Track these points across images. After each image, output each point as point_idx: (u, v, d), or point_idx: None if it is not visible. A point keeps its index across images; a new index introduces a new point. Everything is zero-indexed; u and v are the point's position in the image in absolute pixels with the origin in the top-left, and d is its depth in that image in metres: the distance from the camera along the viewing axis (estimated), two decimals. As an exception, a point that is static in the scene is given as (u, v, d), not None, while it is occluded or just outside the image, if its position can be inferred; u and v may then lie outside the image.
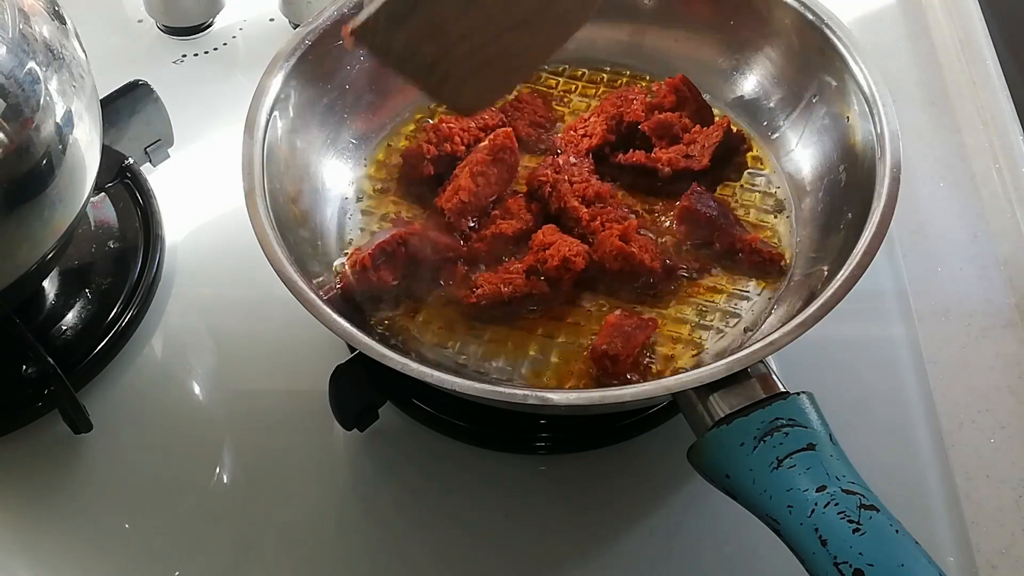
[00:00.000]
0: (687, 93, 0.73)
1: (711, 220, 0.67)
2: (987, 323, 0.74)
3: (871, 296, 0.75)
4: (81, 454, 0.68)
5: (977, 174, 0.83)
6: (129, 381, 0.72)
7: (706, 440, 0.53)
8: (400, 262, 0.66)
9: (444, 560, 0.64)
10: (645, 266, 0.65)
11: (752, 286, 0.67)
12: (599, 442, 0.67)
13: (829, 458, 0.51)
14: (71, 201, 0.64)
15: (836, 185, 0.68)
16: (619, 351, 0.61)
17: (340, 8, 0.71)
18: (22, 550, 0.65)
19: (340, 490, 0.68)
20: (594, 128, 0.73)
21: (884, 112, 0.64)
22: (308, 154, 0.71)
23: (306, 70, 0.70)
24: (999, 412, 0.70)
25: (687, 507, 0.65)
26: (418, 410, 0.68)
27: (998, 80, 0.86)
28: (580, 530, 0.65)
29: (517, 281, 0.65)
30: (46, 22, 0.62)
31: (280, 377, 0.72)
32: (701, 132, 0.72)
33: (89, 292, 0.74)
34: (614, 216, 0.68)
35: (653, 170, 0.71)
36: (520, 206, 0.69)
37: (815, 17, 0.70)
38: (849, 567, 0.46)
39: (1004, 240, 0.78)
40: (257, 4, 0.96)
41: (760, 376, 0.55)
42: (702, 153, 0.70)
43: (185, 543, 0.65)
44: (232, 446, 0.69)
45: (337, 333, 0.57)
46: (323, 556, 0.64)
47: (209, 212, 0.81)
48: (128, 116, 0.79)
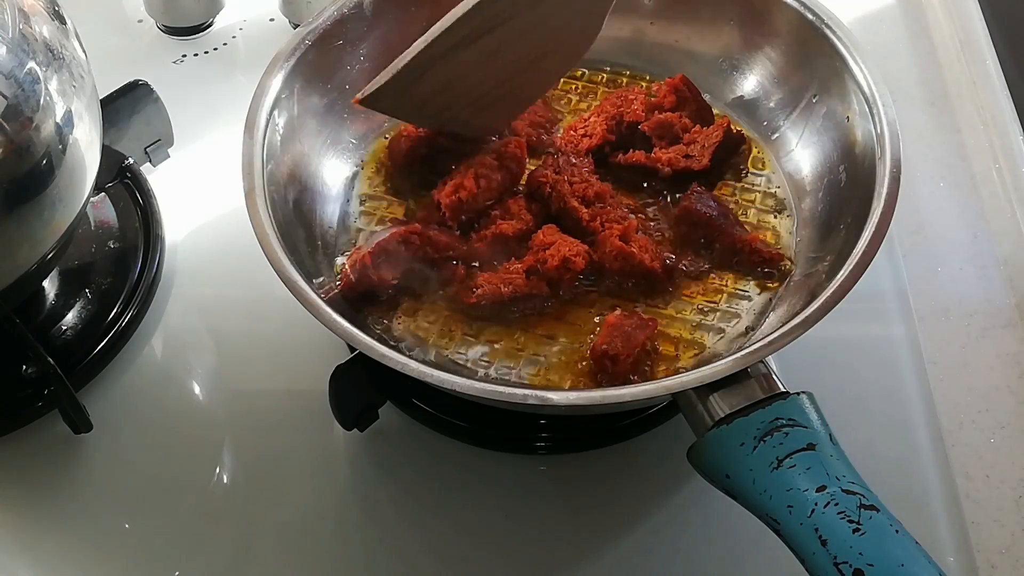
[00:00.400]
0: (687, 93, 0.73)
1: (711, 220, 0.67)
2: (987, 323, 0.74)
3: (871, 296, 0.75)
4: (81, 454, 0.68)
5: (977, 174, 0.83)
6: (129, 381, 0.72)
7: (706, 440, 0.53)
8: (400, 261, 0.66)
9: (444, 560, 0.64)
10: (645, 266, 0.65)
11: (752, 286, 0.67)
12: (599, 442, 0.67)
13: (829, 458, 0.51)
14: (71, 201, 0.64)
15: (836, 185, 0.68)
16: (619, 351, 0.61)
17: (340, 8, 0.71)
18: (22, 550, 0.65)
19: (340, 490, 0.68)
20: (594, 128, 0.73)
21: (884, 112, 0.64)
22: (308, 154, 0.71)
23: (306, 70, 0.70)
24: (999, 412, 0.70)
25: (687, 507, 0.65)
26: (418, 410, 0.68)
27: (998, 80, 0.86)
28: (580, 530, 0.65)
29: (517, 281, 0.65)
30: (46, 22, 0.62)
31: (280, 377, 0.72)
32: (701, 132, 0.72)
33: (89, 292, 0.74)
34: (614, 216, 0.68)
35: (653, 170, 0.71)
36: (520, 206, 0.69)
37: (815, 17, 0.70)
38: (849, 567, 0.46)
39: (1004, 240, 0.78)
40: (257, 4, 0.96)
41: (760, 376, 0.55)
42: (702, 153, 0.70)
43: (185, 543, 0.65)
44: (232, 446, 0.69)
45: (337, 333, 0.57)
46: (323, 556, 0.64)
47: (209, 212, 0.81)
48: (128, 116, 0.79)
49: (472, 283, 0.66)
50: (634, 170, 0.72)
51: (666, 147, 0.72)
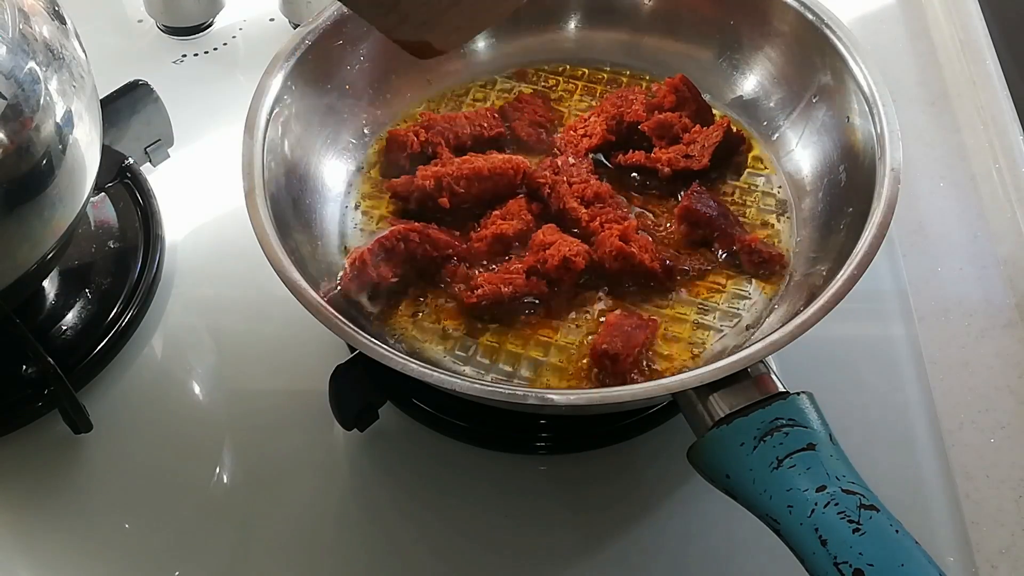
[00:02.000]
0: (687, 93, 0.73)
1: (711, 220, 0.68)
2: (987, 323, 0.74)
3: (871, 296, 0.75)
4: (81, 454, 0.68)
5: (977, 174, 0.83)
6: (129, 381, 0.72)
7: (706, 440, 0.53)
8: (399, 258, 0.66)
9: (444, 560, 0.64)
10: (645, 266, 0.65)
11: (752, 286, 0.67)
12: (599, 442, 0.67)
13: (829, 458, 0.51)
14: (71, 201, 0.64)
15: (836, 185, 0.68)
16: (619, 350, 0.61)
17: (340, 8, 0.71)
18: (22, 550, 0.65)
19: (340, 490, 0.68)
20: (594, 128, 0.73)
21: (884, 112, 0.64)
22: (308, 154, 0.71)
23: (306, 70, 0.70)
24: (999, 412, 0.70)
25: (687, 507, 0.65)
26: (418, 410, 0.68)
27: (998, 80, 0.86)
28: (580, 530, 0.65)
29: (517, 281, 0.65)
30: (46, 22, 0.62)
31: (280, 377, 0.72)
32: (701, 132, 0.72)
33: (89, 292, 0.74)
34: (614, 216, 0.68)
35: (653, 170, 0.71)
36: (521, 206, 0.69)
37: (815, 17, 0.70)
38: (849, 567, 0.46)
39: (1004, 240, 0.78)
40: (257, 4, 0.96)
41: (760, 376, 0.55)
42: (702, 153, 0.70)
43: (185, 543, 0.65)
44: (232, 446, 0.69)
45: (337, 333, 0.57)
46: (323, 556, 0.64)
47: (209, 212, 0.81)
48: (128, 116, 0.79)
49: (472, 283, 0.66)
50: (634, 170, 0.72)
51: (666, 147, 0.72)
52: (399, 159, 0.72)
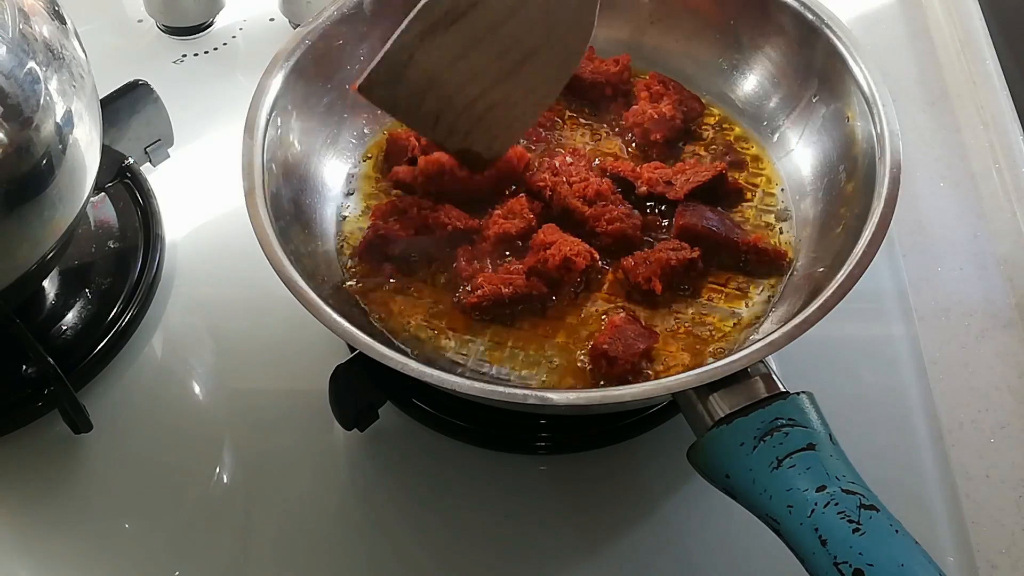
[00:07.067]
0: (662, 89, 0.74)
1: (711, 233, 0.67)
2: (987, 323, 0.74)
3: (871, 296, 0.75)
4: (81, 454, 0.68)
5: (977, 174, 0.83)
6: (129, 381, 0.72)
7: (706, 440, 0.53)
8: (411, 220, 0.67)
9: (444, 560, 0.64)
10: (643, 288, 0.65)
11: (752, 286, 0.67)
12: (599, 442, 0.67)
13: (829, 458, 0.51)
14: (71, 201, 0.64)
15: (836, 185, 0.68)
16: (618, 355, 0.61)
17: (340, 8, 0.71)
18: (22, 550, 0.65)
19: (340, 490, 0.68)
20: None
21: (884, 112, 0.64)
22: (308, 154, 0.71)
23: (306, 70, 0.70)
24: (999, 412, 0.70)
25: (687, 507, 0.65)
26: (418, 410, 0.68)
27: (998, 80, 0.86)
28: (580, 530, 0.65)
29: (517, 281, 0.65)
30: (46, 22, 0.62)
31: (280, 377, 0.72)
32: (695, 166, 0.71)
33: (89, 292, 0.74)
34: (617, 215, 0.68)
35: (631, 184, 0.70)
36: (522, 205, 0.69)
37: (815, 17, 0.70)
38: (849, 567, 0.46)
39: (1004, 240, 0.78)
40: (257, 4, 0.96)
41: (760, 376, 0.55)
42: (683, 186, 0.69)
43: (185, 543, 0.65)
44: (232, 446, 0.69)
45: (337, 333, 0.57)
46: (323, 556, 0.64)
47: (209, 212, 0.81)
48: (128, 116, 0.79)
49: (472, 283, 0.66)
50: (617, 181, 0.71)
51: (666, 150, 0.72)
52: (399, 161, 0.72)
